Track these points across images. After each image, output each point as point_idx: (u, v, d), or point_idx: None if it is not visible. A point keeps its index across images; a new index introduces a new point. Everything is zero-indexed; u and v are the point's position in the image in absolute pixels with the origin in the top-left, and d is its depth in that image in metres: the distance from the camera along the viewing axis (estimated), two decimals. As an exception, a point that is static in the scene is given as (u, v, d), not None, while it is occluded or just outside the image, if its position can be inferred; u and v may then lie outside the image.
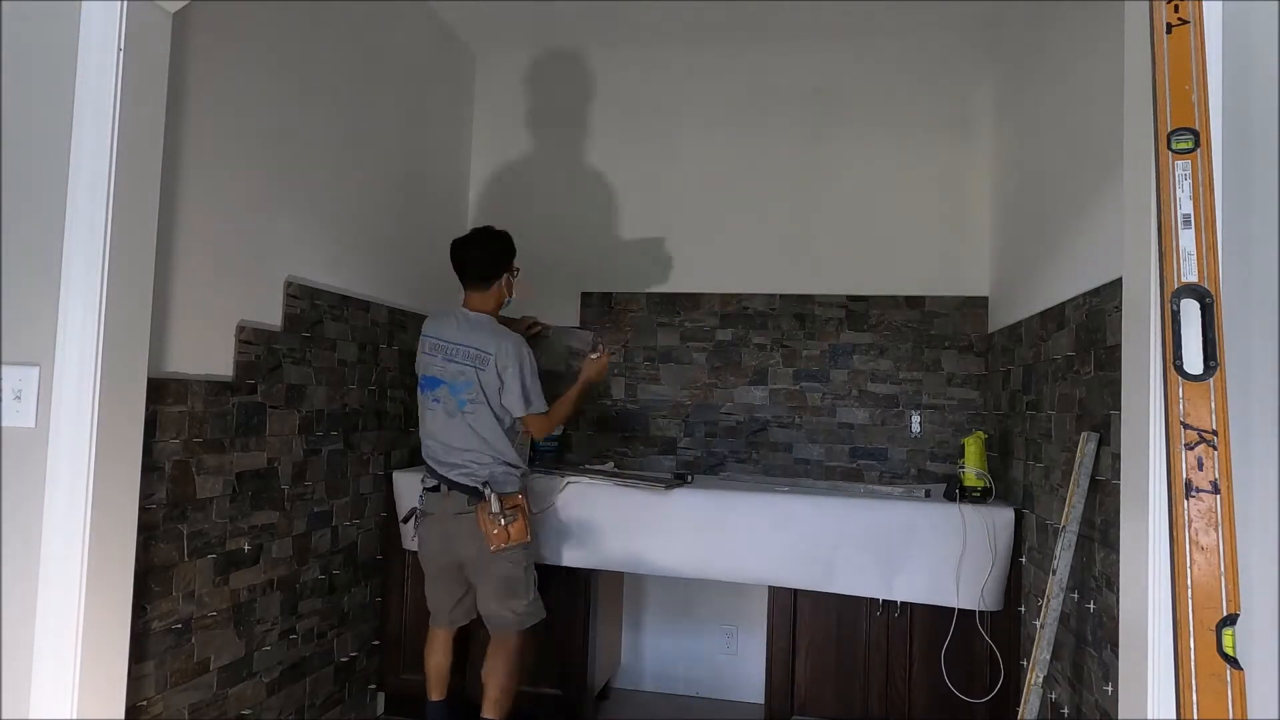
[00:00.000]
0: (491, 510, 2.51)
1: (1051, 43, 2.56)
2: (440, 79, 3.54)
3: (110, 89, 1.68)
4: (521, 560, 2.60)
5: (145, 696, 2.00)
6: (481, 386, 2.59)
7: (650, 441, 3.60)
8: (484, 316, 2.69)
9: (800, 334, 3.49)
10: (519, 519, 2.55)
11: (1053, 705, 2.26)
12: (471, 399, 2.60)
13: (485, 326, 2.66)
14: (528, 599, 2.62)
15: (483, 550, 2.54)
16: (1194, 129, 1.21)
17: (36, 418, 1.66)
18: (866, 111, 3.48)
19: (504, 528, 2.51)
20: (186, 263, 2.11)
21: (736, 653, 3.45)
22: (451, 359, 2.63)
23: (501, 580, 2.59)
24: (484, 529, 2.52)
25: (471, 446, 2.59)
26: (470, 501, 2.56)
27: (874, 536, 2.70)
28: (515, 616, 2.61)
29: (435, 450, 2.63)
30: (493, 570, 2.58)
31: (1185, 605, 1.14)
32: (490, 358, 2.59)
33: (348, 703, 2.93)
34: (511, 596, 2.60)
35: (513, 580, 2.59)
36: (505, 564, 2.57)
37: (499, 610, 2.61)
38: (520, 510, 2.57)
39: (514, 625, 2.62)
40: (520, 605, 2.61)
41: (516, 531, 2.53)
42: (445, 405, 2.62)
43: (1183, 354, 1.18)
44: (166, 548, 2.06)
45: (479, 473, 2.58)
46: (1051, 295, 2.42)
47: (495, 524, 2.51)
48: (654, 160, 3.65)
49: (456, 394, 2.60)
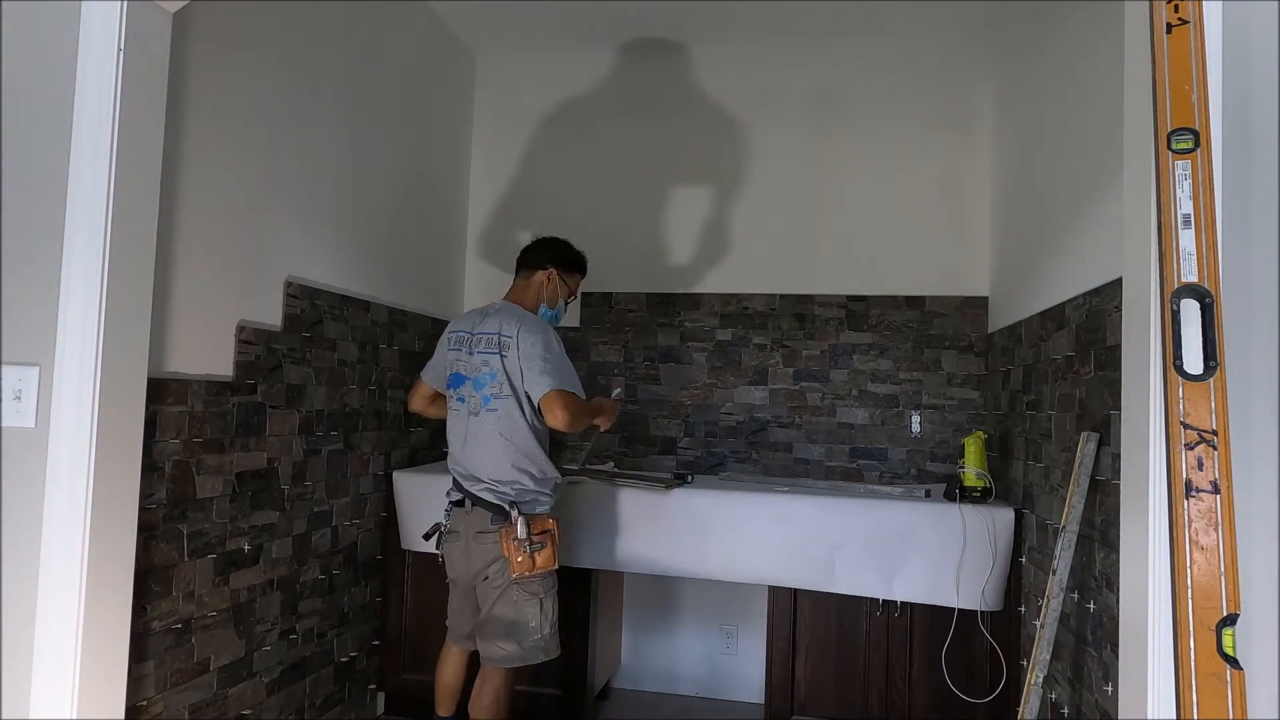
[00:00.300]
0: (517, 535, 2.29)
1: (1051, 43, 2.56)
2: (440, 79, 3.54)
3: (110, 89, 1.68)
4: (539, 590, 2.36)
5: (145, 696, 2.00)
6: (507, 375, 2.35)
7: (650, 441, 3.60)
8: (513, 305, 2.49)
9: (800, 334, 3.49)
10: (547, 546, 2.32)
11: (1053, 705, 2.26)
12: (495, 393, 2.37)
13: (510, 311, 2.44)
14: (540, 634, 2.37)
15: (499, 573, 2.34)
16: (1194, 129, 1.21)
17: (36, 418, 1.66)
18: (867, 111, 3.49)
19: (529, 555, 2.29)
20: (186, 263, 2.11)
21: (736, 653, 3.45)
22: (475, 350, 2.41)
23: (511, 607, 2.36)
24: (507, 554, 2.31)
25: (497, 453, 2.36)
26: (494, 520, 2.34)
27: (874, 536, 2.70)
28: (516, 650, 2.36)
29: (459, 459, 2.43)
30: (504, 596, 2.35)
31: (1185, 605, 1.14)
32: (511, 340, 2.36)
33: (348, 703, 2.93)
34: (516, 628, 2.35)
35: (523, 612, 2.35)
36: (519, 592, 2.35)
37: (498, 641, 2.37)
38: (550, 536, 2.35)
39: (510, 660, 2.37)
40: (527, 640, 2.36)
41: (543, 560, 2.31)
42: (469, 404, 2.41)
43: (1183, 354, 1.18)
44: (166, 548, 2.06)
45: (505, 489, 2.36)
46: (1051, 295, 2.42)
47: (520, 550, 2.29)
48: (654, 160, 3.65)
49: (480, 389, 2.39)
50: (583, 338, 3.67)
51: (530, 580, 2.34)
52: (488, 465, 2.37)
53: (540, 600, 2.37)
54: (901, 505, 2.74)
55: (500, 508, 2.34)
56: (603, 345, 3.66)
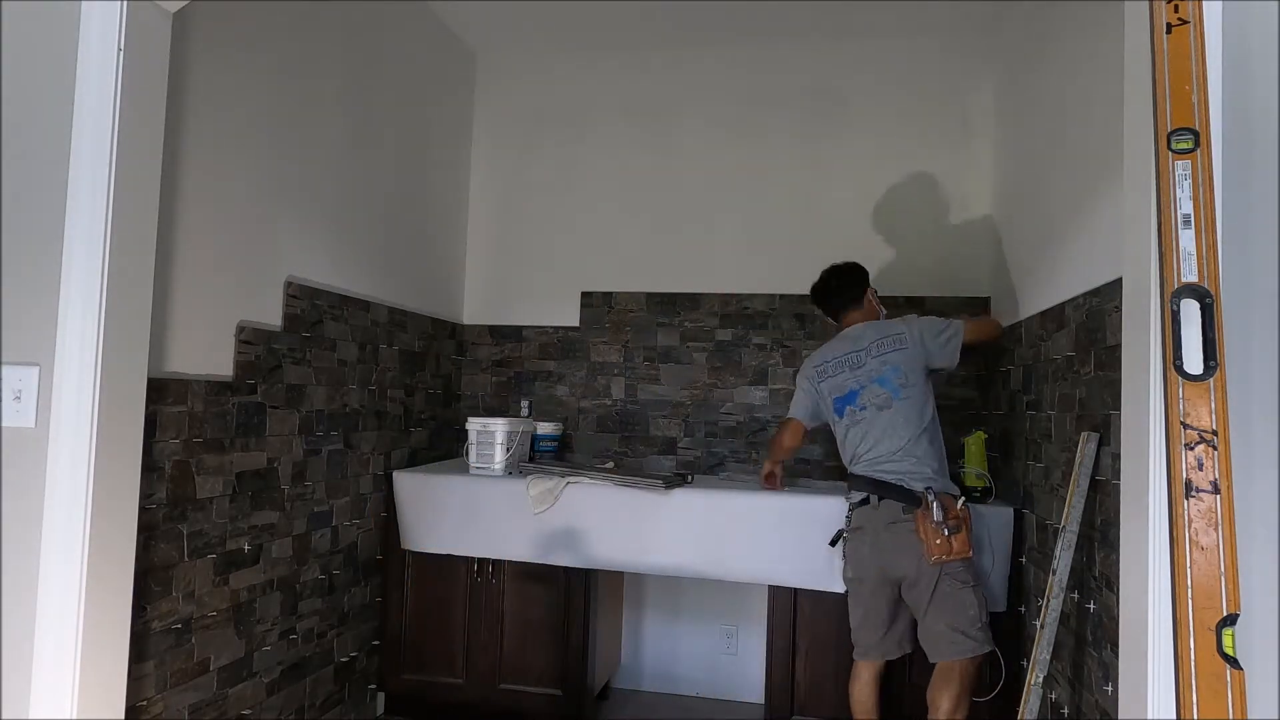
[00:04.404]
0: (934, 519, 2.30)
1: (1051, 43, 2.56)
2: (440, 79, 3.54)
3: (110, 89, 1.68)
4: (969, 578, 2.36)
5: (145, 696, 2.00)
6: (908, 371, 2.52)
7: (650, 441, 3.60)
8: (871, 323, 2.69)
9: (800, 334, 3.49)
10: (962, 530, 2.32)
11: (1053, 705, 2.26)
12: (903, 383, 2.51)
13: (881, 324, 2.67)
14: (979, 624, 2.34)
15: (922, 565, 2.33)
16: (1194, 129, 1.21)
17: (36, 418, 1.66)
18: (866, 111, 3.49)
19: (946, 539, 2.29)
20: (186, 263, 2.11)
21: (736, 653, 3.44)
22: (863, 363, 2.58)
23: (946, 599, 2.34)
24: (924, 538, 2.31)
25: (909, 441, 2.45)
26: (906, 510, 2.37)
27: (875, 536, 2.70)
28: (967, 641, 2.33)
29: (869, 457, 2.51)
30: (937, 588, 2.34)
31: (1185, 605, 1.14)
32: (904, 334, 2.57)
33: (347, 703, 2.93)
34: (959, 618, 2.33)
35: (961, 600, 2.33)
36: (950, 580, 2.34)
37: (946, 633, 2.34)
38: (964, 522, 2.34)
39: (966, 651, 2.33)
40: (973, 629, 2.33)
41: (959, 544, 2.30)
42: (877, 400, 2.52)
43: (1183, 354, 1.18)
44: (166, 548, 2.06)
45: (915, 479, 2.41)
46: (1051, 295, 2.42)
47: (938, 534, 2.29)
48: (654, 160, 3.65)
49: (887, 384, 2.53)
50: (583, 338, 3.67)
51: (954, 565, 2.35)
52: (899, 459, 2.48)
53: (972, 586, 2.38)
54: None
55: (912, 493, 2.40)
56: (603, 345, 3.66)
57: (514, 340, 3.74)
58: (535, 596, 3.02)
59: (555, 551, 2.91)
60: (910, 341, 2.56)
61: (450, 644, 3.07)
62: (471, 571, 3.05)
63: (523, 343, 3.73)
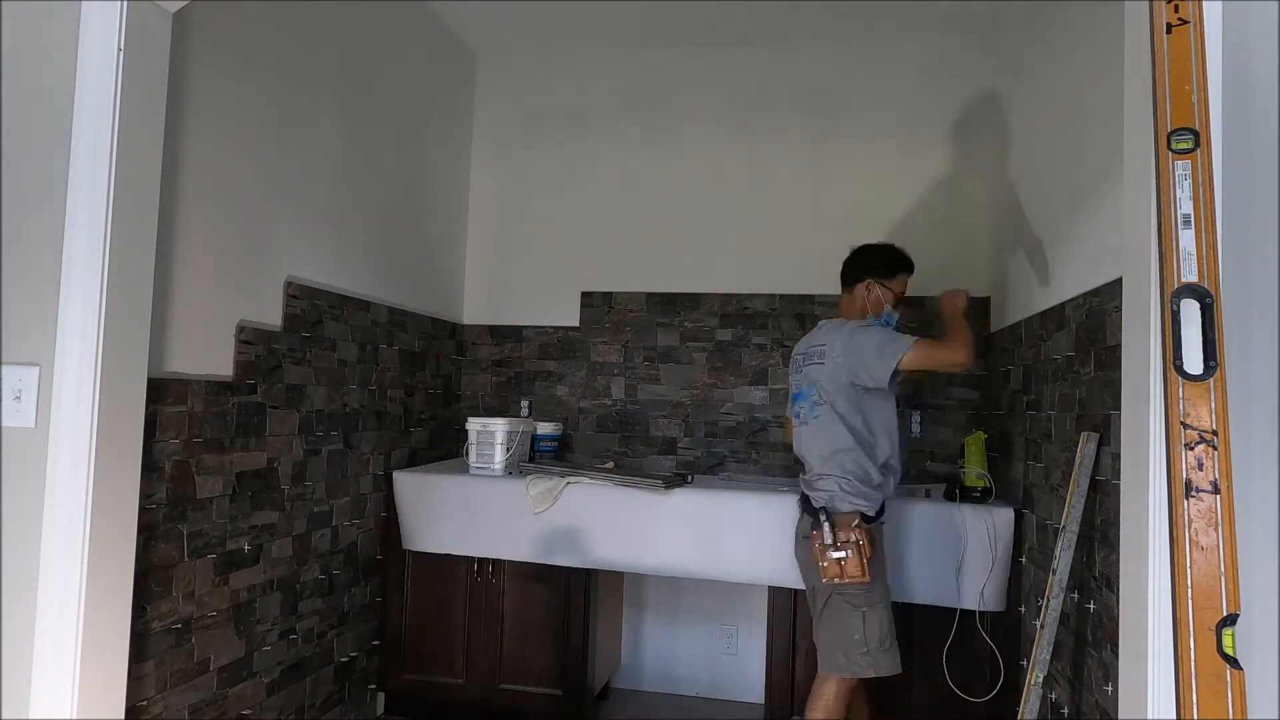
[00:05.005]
0: (824, 539, 2.26)
1: (1051, 43, 2.56)
2: (440, 79, 3.54)
3: (110, 89, 1.68)
4: (862, 602, 2.28)
5: (145, 696, 2.00)
6: (825, 388, 2.38)
7: (650, 441, 3.60)
8: (838, 319, 2.53)
9: (800, 334, 3.47)
10: (855, 555, 2.24)
11: (1053, 705, 2.26)
12: (815, 401, 2.41)
13: (832, 326, 2.48)
14: (862, 649, 2.28)
15: (819, 579, 2.32)
16: (1194, 129, 1.21)
17: (36, 418, 1.66)
18: (866, 111, 3.49)
19: (835, 561, 2.24)
20: (186, 263, 2.11)
21: (736, 653, 3.44)
22: (800, 369, 2.50)
23: (832, 615, 2.32)
24: (815, 558, 2.30)
25: (822, 456, 2.37)
26: (813, 525, 2.34)
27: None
28: (845, 661, 2.30)
29: (804, 466, 2.47)
30: (828, 603, 2.33)
31: (1185, 605, 1.14)
32: (825, 347, 2.41)
33: (347, 703, 2.93)
34: (842, 638, 2.31)
35: (846, 622, 2.29)
36: (841, 600, 2.31)
37: (825, 648, 2.35)
38: (860, 547, 2.25)
39: (842, 670, 2.31)
40: (854, 652, 2.29)
41: (852, 568, 2.24)
42: (801, 416, 2.46)
43: (1183, 354, 1.18)
44: (166, 548, 2.06)
45: (822, 496, 2.36)
46: (1051, 295, 2.42)
47: (825, 555, 2.26)
48: (654, 160, 3.65)
49: (804, 400, 2.45)
50: (583, 338, 3.67)
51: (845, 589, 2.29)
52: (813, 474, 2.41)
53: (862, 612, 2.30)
54: (902, 505, 2.74)
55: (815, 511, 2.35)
56: (603, 345, 3.66)
57: (514, 340, 3.74)
58: (535, 596, 3.02)
59: (555, 551, 2.92)
60: (829, 356, 2.39)
61: (450, 644, 3.07)
62: (471, 571, 3.06)
63: (523, 343, 3.73)
